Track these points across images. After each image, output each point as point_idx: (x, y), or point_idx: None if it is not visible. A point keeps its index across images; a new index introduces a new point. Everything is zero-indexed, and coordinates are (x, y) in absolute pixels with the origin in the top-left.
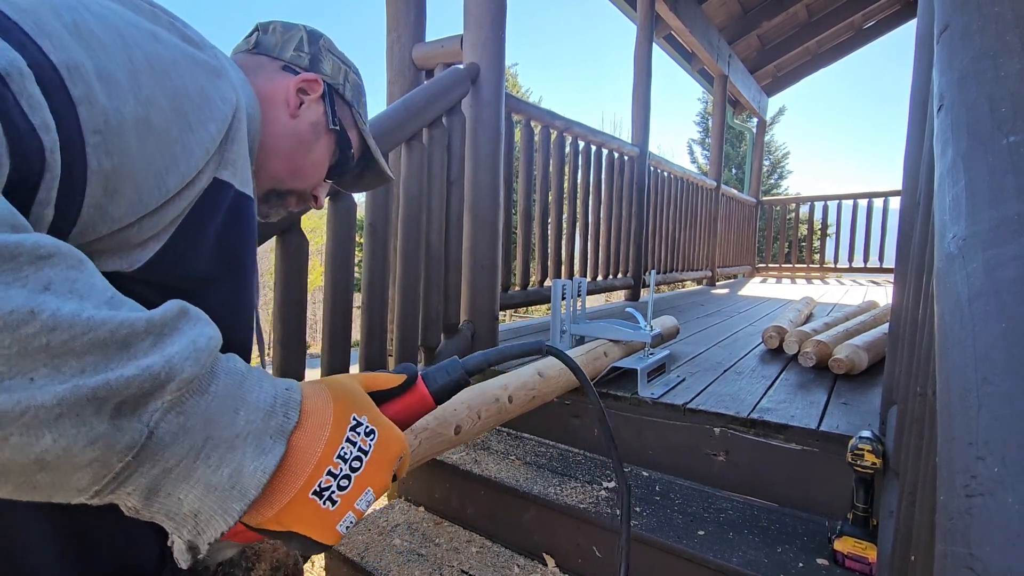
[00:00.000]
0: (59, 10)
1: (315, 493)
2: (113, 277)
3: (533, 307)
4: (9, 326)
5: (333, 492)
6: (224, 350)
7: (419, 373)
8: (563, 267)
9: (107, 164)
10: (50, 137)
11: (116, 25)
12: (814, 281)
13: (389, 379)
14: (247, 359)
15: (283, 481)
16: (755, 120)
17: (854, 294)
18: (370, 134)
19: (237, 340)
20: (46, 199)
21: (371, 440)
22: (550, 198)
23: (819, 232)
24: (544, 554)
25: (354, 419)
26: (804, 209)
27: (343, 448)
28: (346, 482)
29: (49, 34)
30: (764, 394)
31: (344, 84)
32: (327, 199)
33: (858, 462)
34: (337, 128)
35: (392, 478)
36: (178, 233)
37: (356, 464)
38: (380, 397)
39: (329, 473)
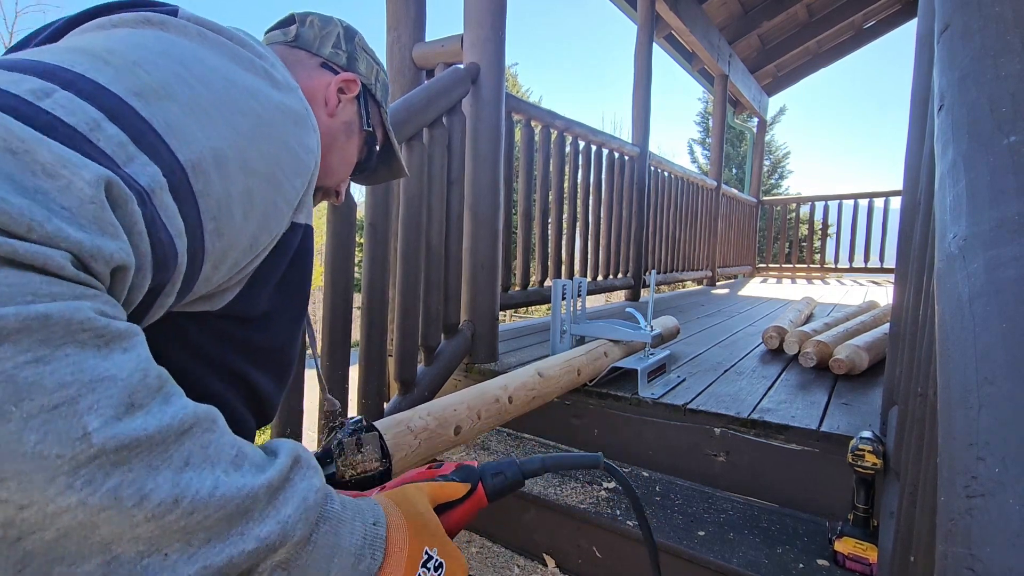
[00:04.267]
0: (177, 87)
1: None
2: (200, 316)
3: (533, 307)
4: (156, 516)
5: None
6: (276, 366)
7: (479, 475)
8: (563, 267)
9: (218, 245)
10: (182, 242)
11: (221, 91)
12: (814, 281)
13: (456, 489)
14: (292, 371)
15: None
16: (755, 120)
17: (854, 294)
18: (393, 132)
19: (291, 353)
20: (171, 291)
21: (439, 575)
22: (550, 198)
23: (819, 232)
24: (544, 554)
25: (426, 553)
26: (804, 209)
27: None
28: None
29: (175, 129)
30: (764, 394)
31: (376, 84)
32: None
33: (859, 463)
34: (370, 129)
35: None
36: (254, 276)
37: None
38: (444, 506)
39: None
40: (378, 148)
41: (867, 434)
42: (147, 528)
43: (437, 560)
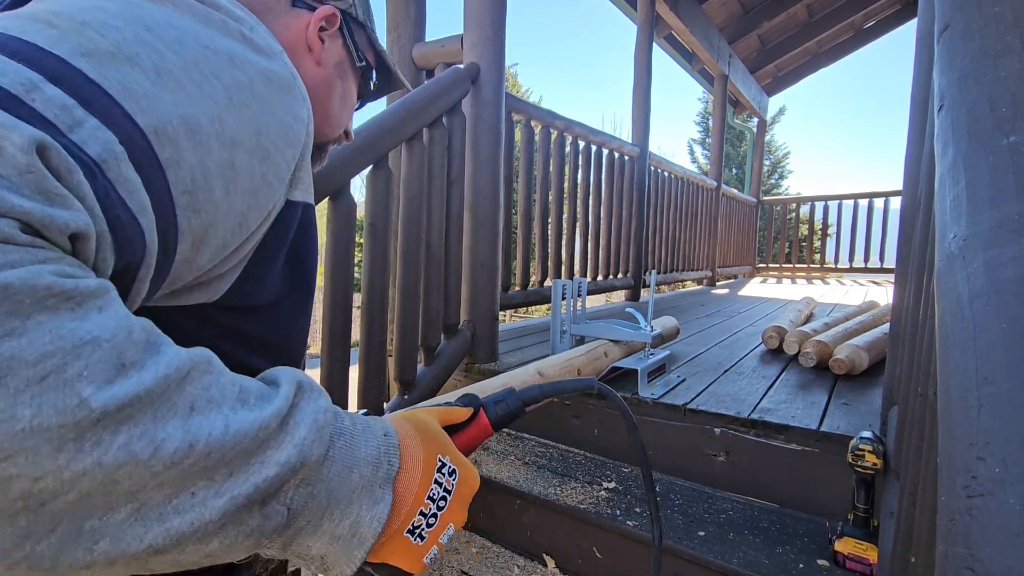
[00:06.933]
0: (138, 51)
1: (409, 531)
2: (198, 308)
3: (533, 307)
4: (175, 463)
5: (423, 529)
6: (284, 351)
7: (481, 403)
8: (563, 267)
9: (195, 222)
10: (147, 218)
11: (195, 57)
12: (814, 281)
13: (460, 413)
14: (303, 355)
15: (386, 522)
16: (755, 120)
17: (854, 294)
18: (383, 47)
19: (296, 343)
20: (145, 275)
21: (453, 480)
22: (550, 198)
23: (819, 232)
24: (544, 555)
25: (440, 460)
26: (804, 209)
27: (432, 489)
28: (433, 520)
29: (134, 93)
30: (764, 394)
31: (354, 3)
32: (327, 199)
33: (859, 463)
34: (364, 63)
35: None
36: (253, 260)
37: (442, 503)
38: (450, 428)
39: (421, 513)
40: (375, 74)
41: (867, 434)
42: (168, 475)
43: (451, 467)
